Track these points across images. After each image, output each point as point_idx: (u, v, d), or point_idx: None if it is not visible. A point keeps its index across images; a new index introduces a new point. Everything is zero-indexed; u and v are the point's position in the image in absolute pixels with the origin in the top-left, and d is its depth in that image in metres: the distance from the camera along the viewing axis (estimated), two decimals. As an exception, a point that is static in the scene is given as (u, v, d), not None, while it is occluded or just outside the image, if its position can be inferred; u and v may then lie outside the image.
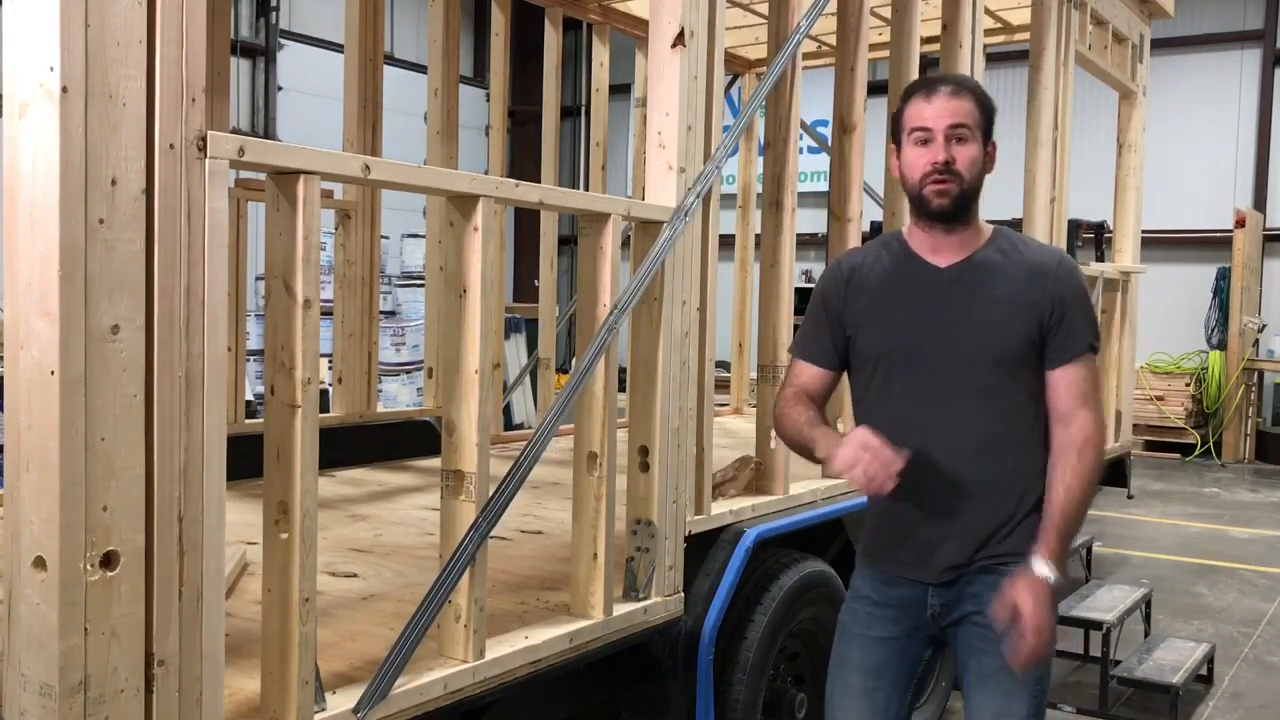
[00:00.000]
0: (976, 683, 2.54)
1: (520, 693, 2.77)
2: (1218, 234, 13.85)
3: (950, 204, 2.45)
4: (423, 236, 9.35)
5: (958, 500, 2.48)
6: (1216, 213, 14.04)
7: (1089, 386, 2.47)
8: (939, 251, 2.53)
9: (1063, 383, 2.47)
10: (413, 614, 2.45)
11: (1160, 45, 9.45)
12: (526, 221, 16.15)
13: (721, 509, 3.56)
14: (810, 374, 2.68)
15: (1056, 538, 2.40)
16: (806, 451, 2.59)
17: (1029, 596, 2.34)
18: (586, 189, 8.66)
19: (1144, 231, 7.32)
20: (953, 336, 2.48)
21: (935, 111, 2.43)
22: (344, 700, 2.33)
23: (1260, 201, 13.99)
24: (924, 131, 2.44)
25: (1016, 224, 6.05)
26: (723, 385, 7.37)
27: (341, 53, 5.64)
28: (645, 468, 3.20)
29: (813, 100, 5.13)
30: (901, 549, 2.58)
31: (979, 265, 2.51)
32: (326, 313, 4.99)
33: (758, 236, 5.33)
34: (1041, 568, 2.37)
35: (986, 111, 2.48)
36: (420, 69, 12.88)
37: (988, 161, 2.49)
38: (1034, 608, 2.33)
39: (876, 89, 4.50)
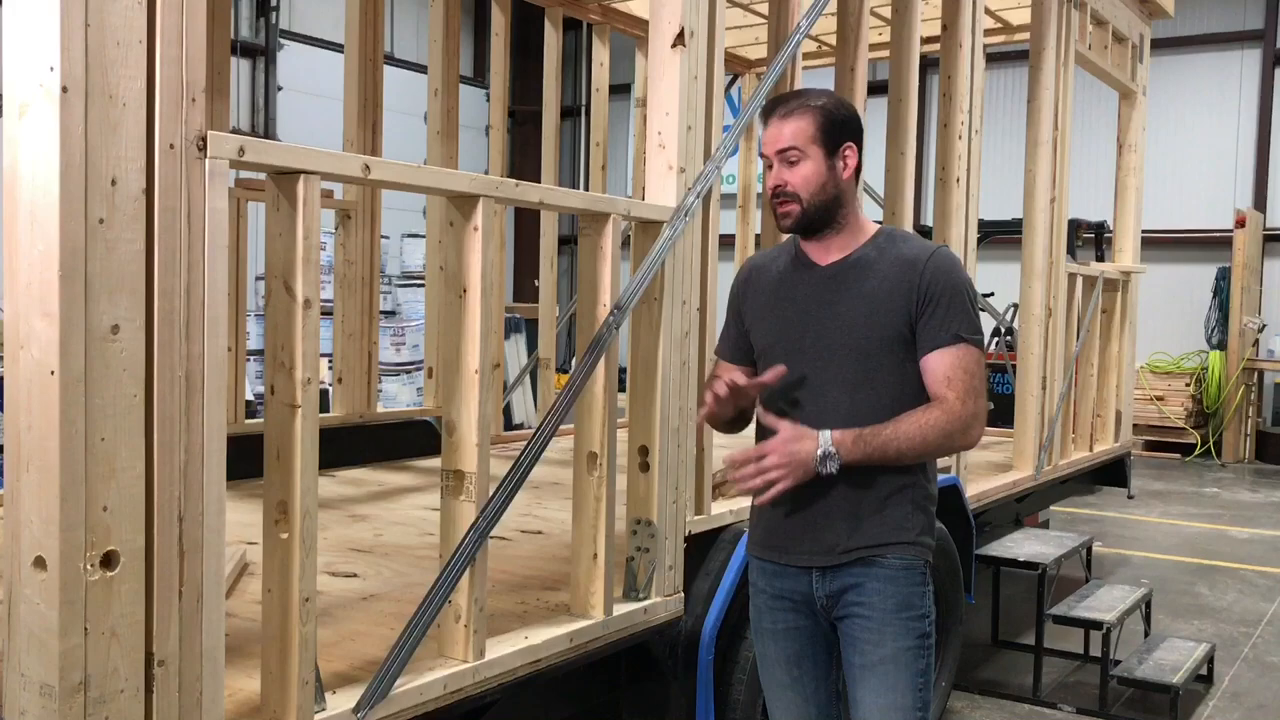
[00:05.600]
0: (860, 675, 2.60)
1: (520, 693, 2.77)
2: (1218, 234, 13.85)
3: (793, 222, 2.59)
4: (423, 236, 9.36)
5: (824, 485, 2.53)
6: (1216, 213, 14.04)
7: (955, 371, 2.53)
8: (821, 253, 2.66)
9: (928, 368, 2.56)
10: (413, 614, 2.45)
11: (1160, 45, 9.46)
12: (526, 221, 16.16)
13: (721, 509, 3.56)
14: (726, 371, 2.81)
15: (855, 434, 2.47)
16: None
17: (790, 432, 2.44)
18: (586, 189, 8.66)
19: (1144, 231, 7.33)
20: (825, 330, 2.60)
21: (769, 138, 2.58)
22: (344, 700, 2.33)
23: (1260, 201, 13.99)
24: (764, 158, 2.62)
25: (1017, 224, 6.07)
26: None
27: (341, 53, 5.65)
28: (645, 468, 3.20)
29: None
30: (778, 534, 2.67)
31: (855, 263, 2.62)
32: (326, 313, 4.99)
33: (758, 236, 5.34)
34: (824, 434, 2.45)
35: (828, 123, 2.55)
36: (420, 69, 12.89)
37: (842, 168, 2.58)
38: (786, 439, 2.43)
39: (876, 89, 4.51)
